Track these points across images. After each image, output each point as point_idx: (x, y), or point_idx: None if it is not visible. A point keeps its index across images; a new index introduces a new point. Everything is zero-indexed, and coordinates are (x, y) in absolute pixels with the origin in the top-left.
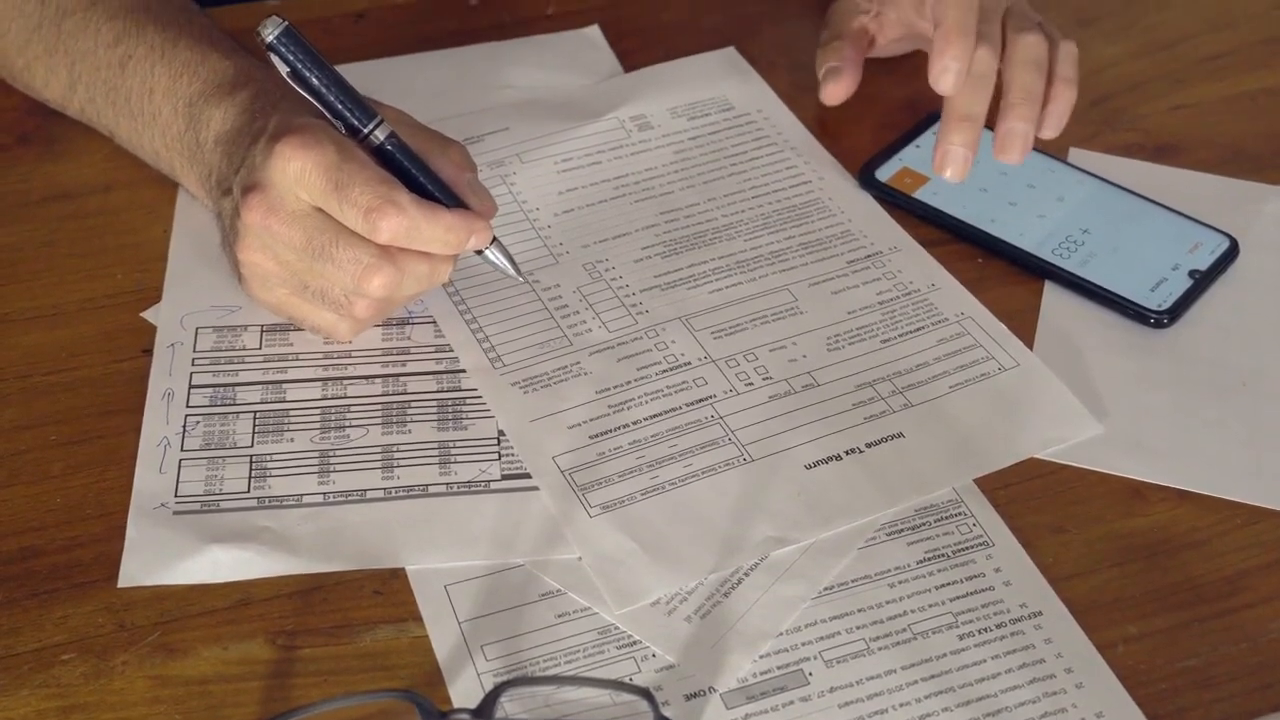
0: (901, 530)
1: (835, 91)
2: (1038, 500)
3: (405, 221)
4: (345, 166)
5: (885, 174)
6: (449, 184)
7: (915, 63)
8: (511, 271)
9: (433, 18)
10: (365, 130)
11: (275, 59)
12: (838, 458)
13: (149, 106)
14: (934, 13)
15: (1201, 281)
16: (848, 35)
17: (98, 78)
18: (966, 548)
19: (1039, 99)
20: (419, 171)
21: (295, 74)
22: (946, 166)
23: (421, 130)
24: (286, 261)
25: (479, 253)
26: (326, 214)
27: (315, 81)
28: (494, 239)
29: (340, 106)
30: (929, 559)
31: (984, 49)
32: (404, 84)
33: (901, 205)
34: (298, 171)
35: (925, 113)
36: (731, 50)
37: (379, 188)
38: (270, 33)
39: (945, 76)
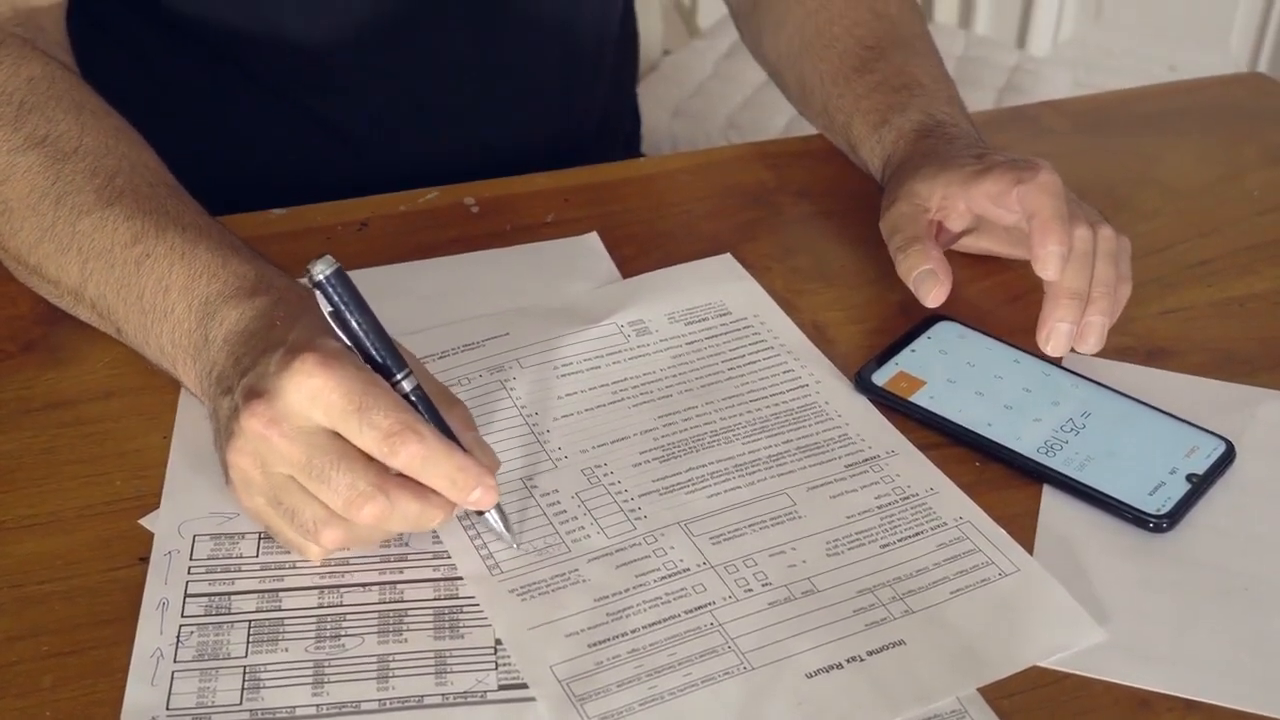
0: None
1: (939, 294)
2: (1043, 710)
3: (424, 450)
4: (369, 391)
5: (881, 378)
6: (456, 438)
7: None
8: (508, 537)
9: (434, 225)
10: (396, 378)
11: (320, 297)
12: (839, 666)
13: (162, 303)
14: (1025, 204)
15: (1200, 485)
16: (923, 236)
17: (111, 275)
18: None
19: (1115, 292)
20: (435, 423)
21: (337, 314)
22: (1050, 341)
23: (432, 382)
24: (273, 474)
25: (479, 513)
26: (332, 435)
27: (355, 325)
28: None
29: (373, 353)
30: None
31: (1084, 229)
32: (405, 290)
33: (898, 409)
34: (316, 388)
35: (920, 317)
36: (728, 256)
37: (403, 415)
38: (321, 271)
39: (1051, 262)
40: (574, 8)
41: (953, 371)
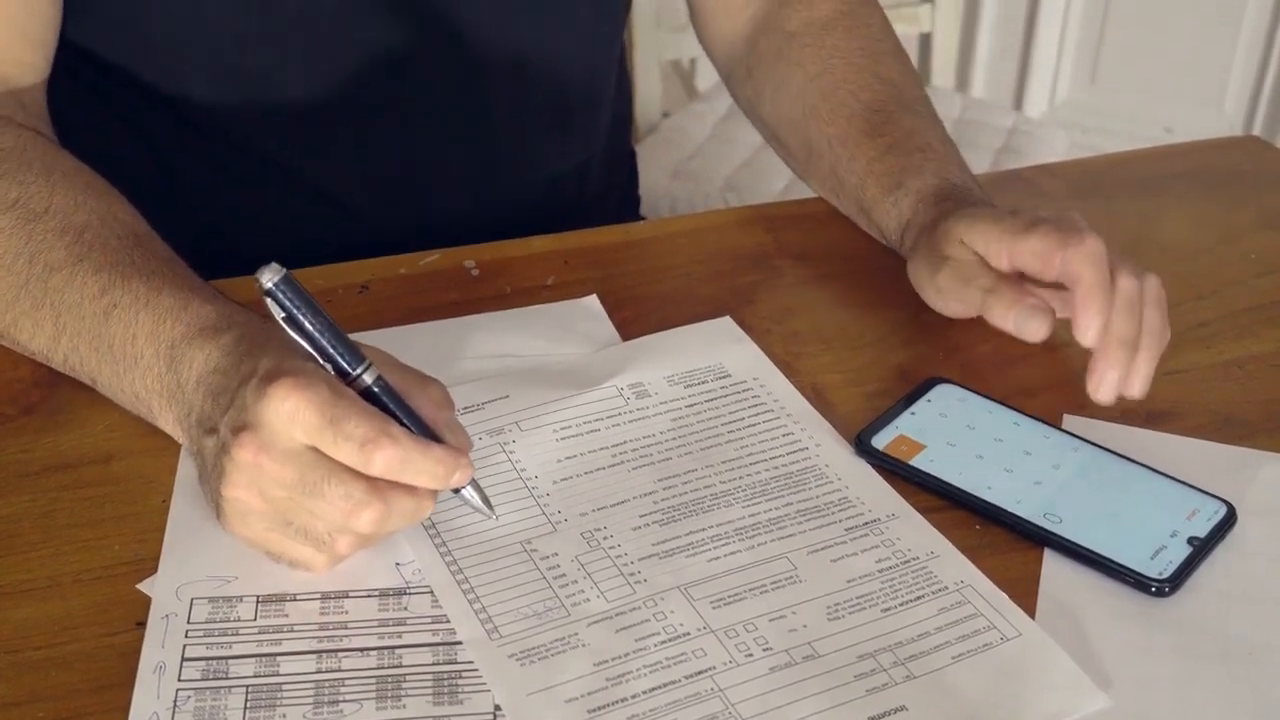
0: None
1: (1045, 326)
2: None
3: (399, 453)
4: (339, 403)
5: (881, 441)
6: (428, 423)
7: (907, 332)
8: (486, 510)
9: (435, 288)
10: (354, 373)
11: (271, 304)
12: None
13: (131, 350)
14: (1068, 270)
15: (1201, 549)
16: (1002, 278)
17: (82, 327)
18: None
19: (1161, 339)
20: (402, 412)
21: (290, 319)
22: (1101, 389)
23: (402, 369)
24: (275, 498)
25: (455, 491)
26: (318, 452)
27: (309, 326)
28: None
29: (331, 350)
30: None
31: (1129, 278)
32: (405, 352)
33: (898, 473)
34: (291, 410)
35: (919, 380)
36: (727, 319)
37: (373, 421)
38: (269, 279)
39: (1091, 331)
40: (566, 62)
41: (953, 435)
